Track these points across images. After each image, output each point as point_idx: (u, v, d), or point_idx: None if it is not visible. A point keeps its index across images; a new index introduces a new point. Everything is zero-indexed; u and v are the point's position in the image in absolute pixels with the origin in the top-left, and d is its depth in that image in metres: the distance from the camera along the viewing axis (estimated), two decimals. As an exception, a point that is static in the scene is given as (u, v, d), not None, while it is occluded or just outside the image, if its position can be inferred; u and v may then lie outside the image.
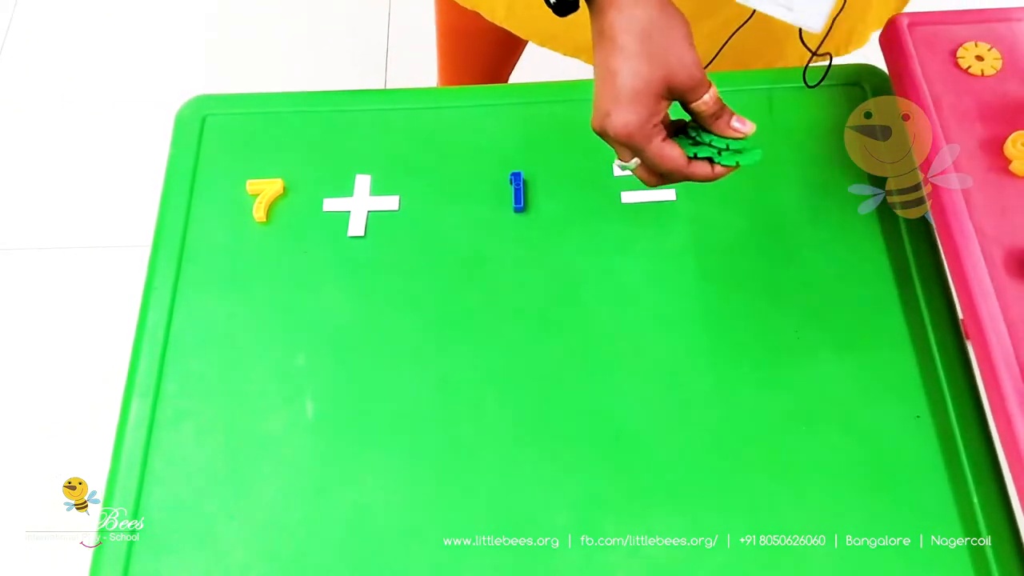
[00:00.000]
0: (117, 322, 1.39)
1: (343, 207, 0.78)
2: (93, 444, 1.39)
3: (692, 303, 0.72)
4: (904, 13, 0.78)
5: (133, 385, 0.70)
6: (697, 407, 0.68)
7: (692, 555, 0.62)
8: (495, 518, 0.64)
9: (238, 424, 0.68)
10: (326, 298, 0.74)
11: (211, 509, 0.65)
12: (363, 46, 1.85)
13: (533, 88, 0.85)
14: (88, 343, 1.54)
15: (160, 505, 0.65)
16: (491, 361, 0.70)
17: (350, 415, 0.68)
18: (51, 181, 1.72)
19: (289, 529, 0.64)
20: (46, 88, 1.85)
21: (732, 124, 0.62)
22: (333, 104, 0.85)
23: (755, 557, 0.62)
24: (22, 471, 1.45)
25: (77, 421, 1.47)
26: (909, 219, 0.75)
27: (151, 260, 0.76)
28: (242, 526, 0.64)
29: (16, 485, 1.43)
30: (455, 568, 0.63)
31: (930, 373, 0.68)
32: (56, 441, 1.46)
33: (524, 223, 0.77)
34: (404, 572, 0.63)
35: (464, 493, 0.65)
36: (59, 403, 1.50)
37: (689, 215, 0.76)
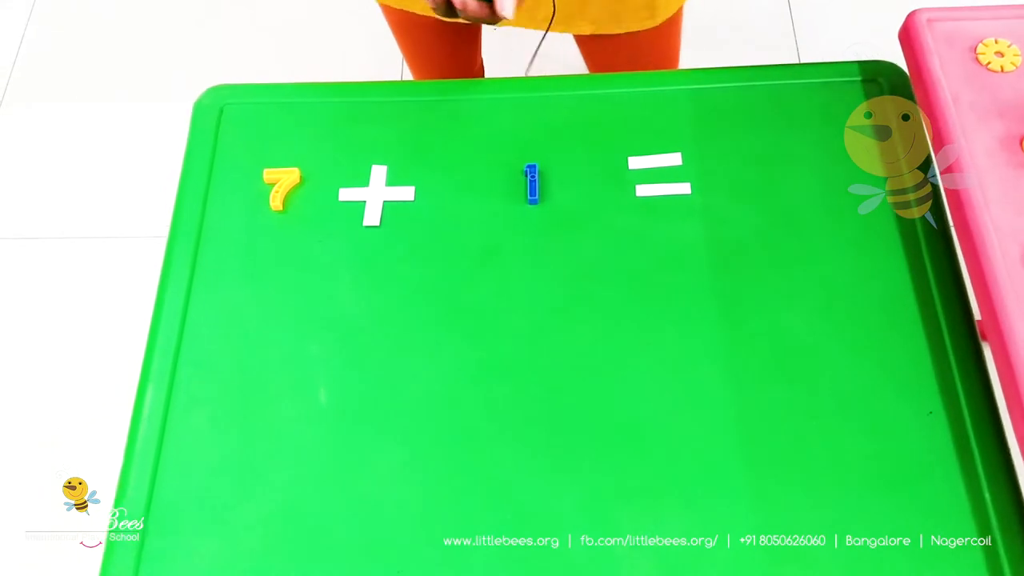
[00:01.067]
0: (131, 313, 1.40)
1: (359, 197, 0.78)
2: (93, 444, 1.41)
3: (706, 297, 0.72)
4: (923, 9, 0.77)
5: (149, 372, 0.70)
6: (709, 402, 0.68)
7: (702, 553, 0.62)
8: (503, 510, 0.64)
9: (251, 411, 0.69)
10: (341, 287, 0.74)
11: (224, 494, 0.66)
12: (380, 38, 1.85)
13: (549, 81, 0.85)
14: (100, 335, 1.55)
15: (174, 489, 0.66)
16: (503, 352, 0.71)
17: (362, 404, 0.69)
18: (70, 172, 1.74)
19: (300, 515, 0.65)
20: (65, 79, 1.86)
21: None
22: (350, 95, 0.85)
23: (764, 555, 0.62)
24: (22, 471, 1.44)
25: (81, 418, 1.47)
26: (925, 216, 0.75)
27: (168, 248, 0.76)
28: (254, 511, 0.65)
29: (16, 485, 1.43)
30: (462, 558, 0.63)
31: (944, 369, 0.68)
32: (56, 441, 1.46)
33: (539, 215, 0.77)
34: (413, 559, 0.63)
35: (474, 484, 0.66)
36: (64, 399, 1.50)
37: (704, 209, 0.76)
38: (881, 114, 0.78)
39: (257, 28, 1.91)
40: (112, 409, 1.40)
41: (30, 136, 1.79)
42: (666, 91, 0.83)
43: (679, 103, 0.82)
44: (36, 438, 1.47)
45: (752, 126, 0.81)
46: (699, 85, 0.83)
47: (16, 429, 1.49)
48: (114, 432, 0.69)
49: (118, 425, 0.70)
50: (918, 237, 0.74)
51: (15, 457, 1.46)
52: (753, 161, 0.79)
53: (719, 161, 0.79)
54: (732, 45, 1.85)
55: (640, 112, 0.82)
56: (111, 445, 0.70)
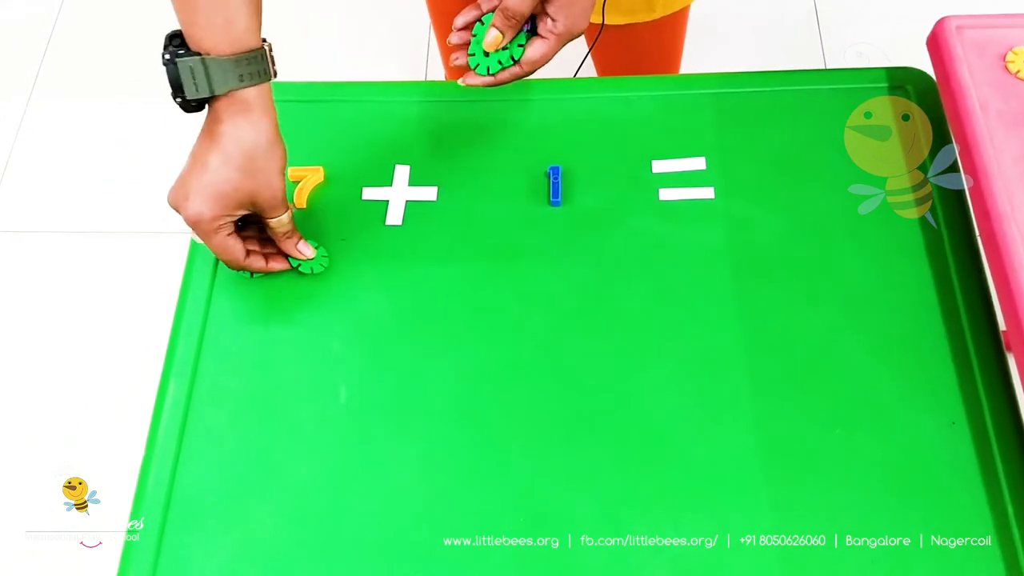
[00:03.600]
0: (150, 312, 1.40)
1: (382, 196, 0.79)
2: (93, 445, 1.42)
3: (727, 302, 0.72)
4: (952, 16, 0.77)
5: (171, 365, 0.71)
6: (728, 407, 0.68)
7: (721, 554, 0.62)
8: (519, 511, 0.64)
9: (272, 407, 0.69)
10: (362, 285, 0.74)
11: (243, 489, 0.66)
12: (405, 38, 1.86)
13: (573, 83, 0.85)
14: (119, 333, 1.56)
15: (193, 483, 0.66)
16: (523, 353, 0.71)
17: (382, 402, 0.69)
18: (96, 167, 1.75)
19: (319, 512, 0.65)
20: (92, 74, 1.88)
21: (298, 246, 0.73)
22: (374, 95, 0.86)
23: (783, 560, 0.62)
24: (21, 472, 1.44)
25: (94, 417, 1.48)
26: (951, 223, 0.74)
27: (192, 244, 0.77)
28: (272, 507, 0.65)
29: (15, 486, 1.42)
30: (479, 557, 0.63)
31: (967, 379, 0.67)
32: (55, 441, 1.47)
33: (561, 217, 0.77)
34: (430, 559, 0.63)
35: (491, 485, 0.66)
36: (79, 397, 1.51)
37: (727, 214, 0.76)
38: (881, 114, 0.77)
39: (282, 27, 1.92)
40: (126, 408, 1.41)
41: (58, 130, 1.81)
42: (691, 95, 0.83)
43: (704, 107, 0.82)
44: (42, 437, 1.47)
45: (777, 132, 0.80)
46: (724, 89, 0.83)
47: (15, 429, 1.49)
48: (125, 431, 0.69)
49: (131, 424, 0.70)
50: (944, 245, 0.73)
51: (14, 457, 1.46)
52: (778, 167, 0.78)
53: (743, 166, 0.78)
54: (757, 49, 1.84)
55: (664, 116, 0.82)
56: (119, 444, 0.70)
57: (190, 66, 0.63)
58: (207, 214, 0.66)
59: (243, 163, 0.66)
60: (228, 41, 0.64)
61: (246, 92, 0.65)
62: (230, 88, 0.64)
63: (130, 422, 1.39)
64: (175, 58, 0.64)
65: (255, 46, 0.65)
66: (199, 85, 0.64)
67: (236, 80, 0.64)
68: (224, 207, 0.67)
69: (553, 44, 0.69)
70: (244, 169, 0.66)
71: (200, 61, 0.63)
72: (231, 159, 0.65)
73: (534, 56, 0.69)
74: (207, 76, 0.63)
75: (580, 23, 0.68)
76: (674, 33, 1.03)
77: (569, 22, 0.67)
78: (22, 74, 1.88)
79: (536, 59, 0.70)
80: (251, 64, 0.65)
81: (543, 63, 0.70)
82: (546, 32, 0.68)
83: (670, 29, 1.01)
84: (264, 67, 0.66)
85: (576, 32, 0.69)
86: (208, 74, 0.63)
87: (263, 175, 0.67)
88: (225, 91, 0.64)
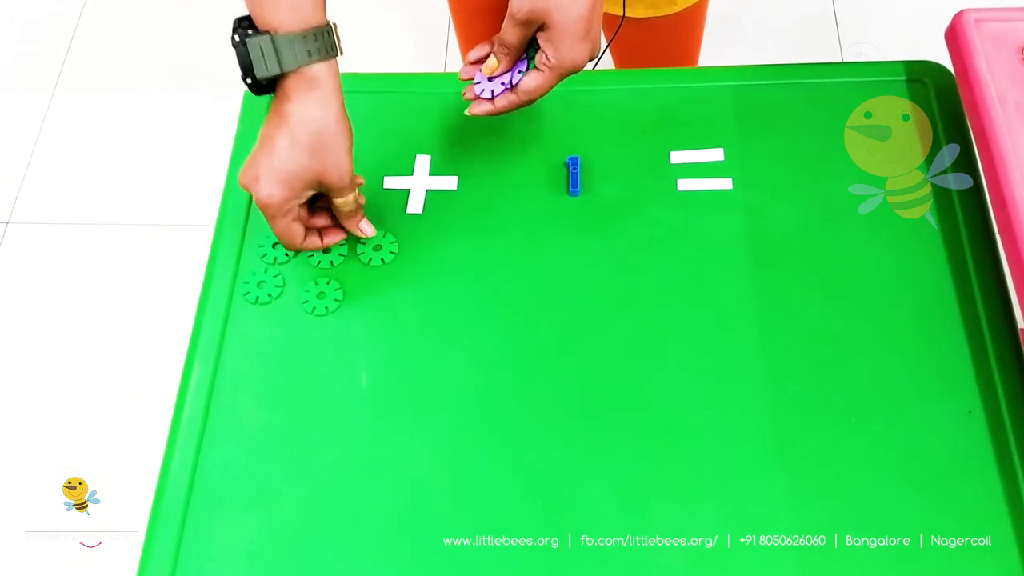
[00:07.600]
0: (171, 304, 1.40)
1: (403, 185, 0.79)
2: (92, 445, 1.42)
3: (744, 293, 0.73)
4: (971, 9, 0.77)
5: (196, 349, 0.72)
6: (745, 398, 0.68)
7: (737, 549, 0.62)
8: (535, 500, 0.65)
9: (294, 391, 0.70)
10: (383, 273, 0.75)
11: (265, 471, 0.67)
12: (425, 30, 1.88)
13: (592, 75, 0.86)
14: (120, 335, 1.56)
15: (217, 464, 0.67)
16: (541, 341, 0.71)
17: (402, 388, 0.70)
18: (120, 160, 1.77)
19: (340, 495, 0.66)
20: (116, 67, 1.90)
21: (360, 225, 0.74)
22: (395, 86, 0.87)
23: (799, 553, 0.62)
24: (21, 472, 1.44)
25: (112, 409, 1.49)
26: (968, 216, 0.74)
27: (216, 233, 0.78)
28: (295, 488, 0.66)
29: (15, 486, 1.43)
30: (498, 541, 0.64)
31: (983, 369, 0.68)
32: (58, 440, 1.47)
33: (580, 207, 0.78)
34: (449, 539, 0.64)
35: (509, 473, 0.66)
36: (95, 395, 1.51)
37: (745, 205, 0.77)
38: (881, 114, 0.78)
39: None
40: (127, 408, 1.41)
41: (82, 123, 1.83)
42: (709, 87, 0.84)
43: (722, 99, 0.82)
44: (42, 437, 1.47)
45: (795, 124, 0.81)
46: (743, 82, 0.83)
47: (15, 429, 1.50)
48: (125, 431, 0.68)
49: (131, 424, 0.69)
50: (961, 238, 0.74)
51: (14, 457, 1.47)
52: (795, 159, 0.79)
53: (761, 158, 0.79)
54: (775, 46, 1.84)
55: (683, 107, 0.82)
56: (119, 444, 0.69)
57: (260, 44, 0.64)
58: (277, 196, 0.67)
59: (311, 144, 0.66)
60: (296, 18, 0.65)
61: (315, 69, 0.65)
62: (299, 64, 0.65)
63: (130, 422, 1.41)
64: (245, 38, 0.65)
65: (322, 22, 0.66)
66: (268, 63, 0.65)
67: (305, 56, 0.65)
68: (293, 189, 0.67)
69: (548, 76, 0.69)
70: (312, 150, 0.66)
71: (270, 39, 0.64)
72: (298, 140, 0.66)
73: (529, 86, 0.70)
74: (276, 53, 0.64)
75: (572, 56, 0.68)
76: (692, 28, 1.04)
77: (560, 54, 0.68)
78: (46, 70, 1.90)
79: (531, 89, 0.70)
80: (319, 40, 0.65)
81: (538, 94, 0.71)
82: (541, 64, 0.69)
83: (688, 24, 1.01)
84: (331, 43, 0.66)
85: (572, 66, 0.69)
86: (277, 51, 0.64)
87: (331, 155, 0.67)
88: (295, 67, 0.65)
